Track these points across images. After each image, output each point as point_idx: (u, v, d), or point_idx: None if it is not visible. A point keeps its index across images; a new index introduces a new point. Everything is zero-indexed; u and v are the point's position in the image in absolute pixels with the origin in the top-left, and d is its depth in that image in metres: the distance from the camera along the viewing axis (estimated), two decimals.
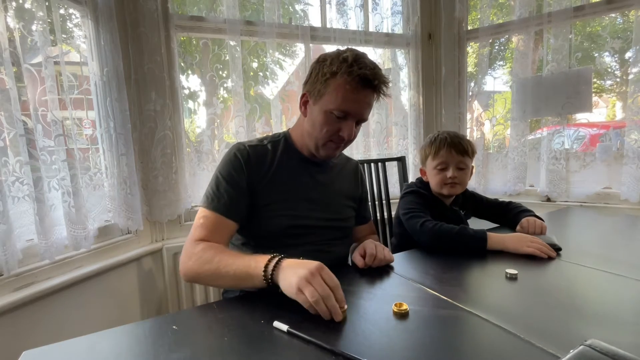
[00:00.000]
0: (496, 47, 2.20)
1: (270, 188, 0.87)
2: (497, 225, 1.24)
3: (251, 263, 0.70)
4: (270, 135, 0.98)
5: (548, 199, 1.74)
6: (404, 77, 2.00)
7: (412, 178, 1.80)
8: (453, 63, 1.92)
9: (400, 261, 0.91)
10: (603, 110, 2.26)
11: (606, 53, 1.67)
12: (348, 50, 0.83)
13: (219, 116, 1.59)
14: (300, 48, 1.77)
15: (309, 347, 0.51)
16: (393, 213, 1.46)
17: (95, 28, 1.25)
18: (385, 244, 1.47)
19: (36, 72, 1.06)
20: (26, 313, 1.02)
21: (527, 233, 1.03)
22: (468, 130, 2.00)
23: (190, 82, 1.66)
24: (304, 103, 0.88)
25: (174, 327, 0.57)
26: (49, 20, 1.08)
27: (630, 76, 1.53)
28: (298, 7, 2.05)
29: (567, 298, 0.66)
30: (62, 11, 1.25)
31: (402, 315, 0.59)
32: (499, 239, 0.94)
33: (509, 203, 1.24)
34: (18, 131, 0.97)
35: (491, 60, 1.96)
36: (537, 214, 1.14)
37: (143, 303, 1.44)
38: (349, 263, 0.96)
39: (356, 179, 1.08)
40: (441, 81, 1.95)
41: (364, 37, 1.80)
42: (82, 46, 1.26)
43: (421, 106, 1.96)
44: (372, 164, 1.48)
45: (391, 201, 1.50)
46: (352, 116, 0.84)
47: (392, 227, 1.42)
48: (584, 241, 1.07)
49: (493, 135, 1.92)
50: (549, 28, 1.66)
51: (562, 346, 0.49)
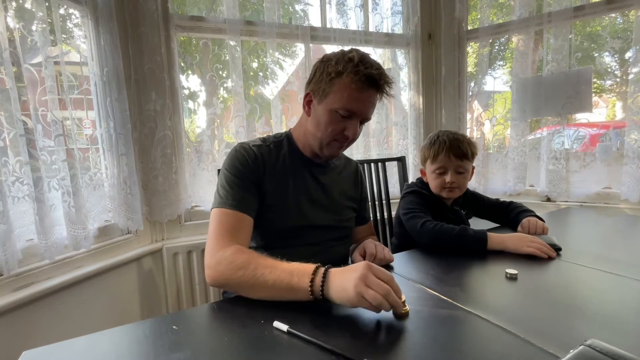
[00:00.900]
0: (496, 47, 2.19)
1: (273, 188, 0.88)
2: (498, 225, 1.24)
3: (293, 275, 0.63)
4: (271, 135, 0.97)
5: (548, 199, 1.74)
6: (404, 77, 2.00)
7: (412, 178, 1.80)
8: (453, 63, 1.92)
9: (400, 261, 0.91)
10: (603, 110, 2.26)
11: (606, 53, 1.67)
12: (353, 50, 0.83)
13: (219, 116, 1.59)
14: (300, 48, 1.77)
15: (309, 347, 0.51)
16: (393, 213, 1.45)
17: (95, 28, 1.25)
18: (385, 244, 1.47)
19: (36, 72, 1.06)
20: (26, 313, 1.02)
21: (528, 233, 1.03)
22: (468, 130, 2.00)
23: (190, 82, 1.66)
24: (308, 102, 0.88)
25: (174, 327, 0.57)
26: (49, 20, 1.08)
27: (630, 76, 1.53)
28: (298, 7, 2.05)
29: (567, 298, 0.66)
30: (62, 11, 1.25)
31: (402, 315, 0.59)
32: (499, 239, 0.94)
33: (510, 203, 1.24)
34: (18, 131, 0.97)
35: (491, 60, 1.96)
36: (538, 214, 1.14)
37: (143, 303, 1.44)
38: (349, 263, 0.96)
39: (356, 180, 1.09)
40: (441, 81, 1.95)
41: (364, 37, 1.80)
42: (82, 46, 1.26)
43: (421, 106, 1.96)
44: (372, 164, 1.48)
45: (391, 201, 1.50)
46: (357, 115, 0.84)
47: (392, 227, 1.42)
48: (584, 241, 1.07)
49: (493, 135, 1.92)
50: (549, 28, 1.66)
51: (562, 346, 0.49)
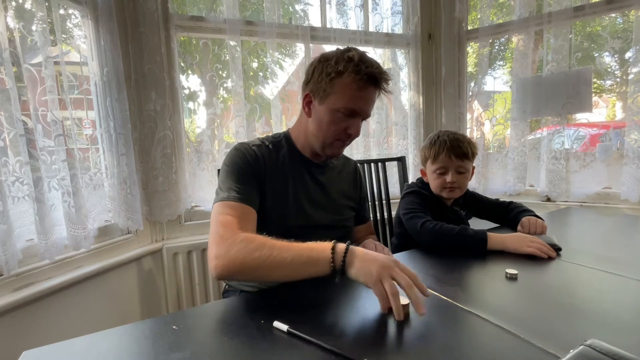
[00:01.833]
0: (496, 47, 2.19)
1: (273, 188, 0.87)
2: (498, 225, 1.24)
3: (312, 250, 0.66)
4: (270, 135, 0.97)
5: (548, 199, 1.74)
6: (404, 77, 2.00)
7: (412, 178, 1.80)
8: (453, 63, 1.92)
9: (400, 261, 0.91)
10: (603, 110, 2.26)
11: (606, 53, 1.67)
12: (351, 49, 0.83)
13: (219, 116, 1.59)
14: (300, 48, 1.77)
15: (309, 347, 0.51)
16: (393, 213, 1.45)
17: (95, 28, 1.25)
18: (385, 244, 1.47)
19: (36, 72, 1.06)
20: (26, 313, 1.02)
21: (528, 233, 1.03)
22: (468, 130, 2.00)
23: (190, 82, 1.66)
24: (308, 103, 0.88)
25: (174, 327, 0.57)
26: (49, 20, 1.08)
27: (630, 76, 1.53)
28: (298, 7, 2.05)
29: (567, 298, 0.66)
30: (62, 11, 1.25)
31: (403, 315, 0.59)
32: (499, 239, 0.93)
33: (510, 203, 1.24)
34: (18, 131, 0.97)
35: (491, 60, 1.96)
36: (537, 214, 1.14)
37: (143, 303, 1.44)
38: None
39: (356, 180, 1.09)
40: (441, 81, 1.95)
41: (364, 37, 1.80)
42: (82, 46, 1.26)
43: (421, 106, 1.96)
44: (372, 164, 1.48)
45: (391, 201, 1.50)
46: (359, 114, 0.85)
47: (392, 227, 1.42)
48: (584, 241, 1.07)
49: (493, 135, 1.92)
50: (549, 28, 1.66)
51: (562, 346, 0.49)
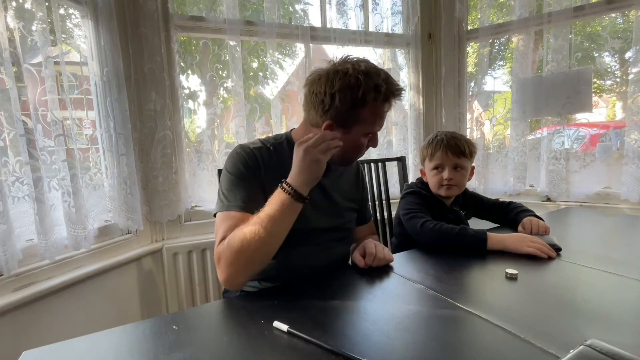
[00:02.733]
0: (496, 47, 2.19)
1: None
2: (498, 225, 1.24)
3: (273, 203, 0.74)
4: (271, 137, 0.96)
5: (548, 199, 1.74)
6: (404, 77, 2.00)
7: (412, 178, 1.80)
8: (453, 63, 1.92)
9: (400, 261, 0.91)
10: (603, 110, 2.26)
11: (606, 53, 1.67)
12: (371, 72, 0.79)
13: (219, 116, 1.59)
14: (300, 48, 1.77)
15: (309, 347, 0.51)
16: (393, 213, 1.45)
17: (95, 28, 1.25)
18: (385, 244, 1.47)
19: (36, 72, 1.06)
20: (26, 313, 1.02)
21: (530, 233, 1.03)
22: (468, 130, 2.00)
23: (190, 82, 1.66)
24: (329, 129, 0.83)
25: (174, 327, 0.57)
26: (49, 20, 1.08)
27: (630, 76, 1.53)
28: (298, 7, 2.05)
29: (567, 298, 0.66)
30: (62, 11, 1.25)
31: (403, 314, 0.59)
32: (499, 239, 0.93)
33: (510, 203, 1.24)
34: (18, 131, 0.97)
35: (491, 60, 1.96)
36: (537, 214, 1.14)
37: (143, 303, 1.44)
38: (349, 263, 0.96)
39: (357, 180, 1.08)
40: (441, 81, 1.95)
41: (364, 37, 1.80)
42: (82, 46, 1.26)
43: (421, 106, 1.96)
44: (372, 164, 1.48)
45: (391, 201, 1.50)
46: (379, 130, 0.89)
47: (393, 227, 1.42)
48: (584, 241, 1.07)
49: (493, 135, 1.92)
50: (549, 28, 1.66)
51: (562, 346, 0.49)
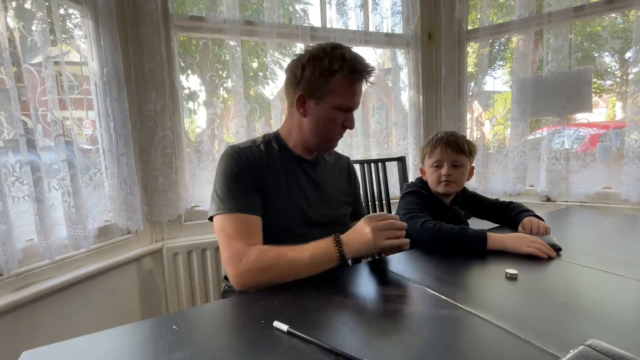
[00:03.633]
0: (496, 47, 2.19)
1: (268, 188, 0.87)
2: (497, 225, 1.23)
3: (319, 250, 0.78)
4: (260, 136, 0.97)
5: (548, 199, 1.74)
6: (404, 77, 2.00)
7: (412, 178, 1.80)
8: (453, 63, 1.92)
9: (400, 261, 0.91)
10: (603, 110, 2.26)
11: (606, 53, 1.67)
12: (338, 46, 0.85)
13: (219, 116, 1.59)
14: (300, 48, 1.77)
15: (309, 347, 0.51)
16: (393, 213, 1.45)
17: (95, 28, 1.25)
18: None
19: (36, 72, 1.06)
20: (26, 313, 1.02)
21: (530, 233, 1.03)
22: (468, 130, 2.00)
23: (190, 82, 1.66)
24: (302, 104, 0.88)
25: (174, 327, 0.57)
26: (49, 20, 1.08)
27: (630, 76, 1.53)
28: (298, 7, 2.05)
29: (567, 298, 0.66)
30: (62, 11, 1.25)
31: (403, 315, 0.59)
32: (499, 239, 0.93)
33: (509, 203, 1.24)
34: (18, 131, 0.97)
35: (491, 60, 1.96)
36: (537, 214, 1.14)
37: (143, 303, 1.44)
38: (349, 263, 0.96)
39: (349, 175, 1.10)
40: (441, 81, 1.95)
41: (364, 37, 1.80)
42: (82, 46, 1.26)
43: (421, 106, 1.96)
44: (372, 164, 1.48)
45: (391, 201, 1.50)
46: (353, 108, 0.90)
47: None
48: (584, 241, 1.07)
49: (493, 135, 1.92)
50: (549, 28, 1.66)
51: (562, 346, 0.49)
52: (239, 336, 0.55)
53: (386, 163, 1.53)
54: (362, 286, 0.75)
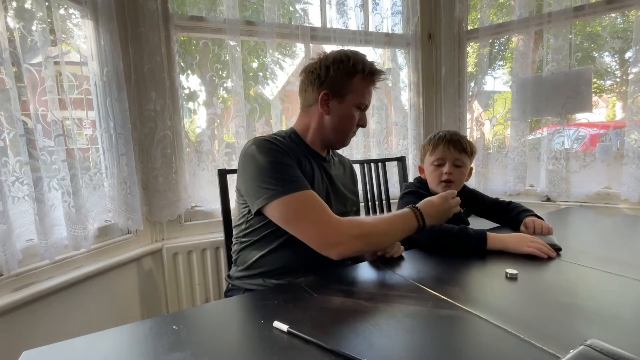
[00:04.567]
0: (496, 47, 2.20)
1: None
2: (498, 225, 1.23)
3: (406, 219, 0.86)
4: (277, 132, 1.00)
5: (548, 199, 1.74)
6: (404, 77, 2.00)
7: (412, 178, 1.80)
8: (453, 63, 1.92)
9: (400, 261, 0.91)
10: (603, 110, 2.26)
11: (606, 53, 1.67)
12: (357, 52, 0.95)
13: (219, 116, 1.59)
14: (300, 48, 1.77)
15: (309, 347, 0.51)
16: None
17: (95, 28, 1.25)
18: None
19: (36, 72, 1.06)
20: (26, 313, 1.02)
21: (532, 233, 1.03)
22: (468, 130, 2.00)
23: (190, 82, 1.66)
24: (325, 102, 0.93)
25: (174, 327, 0.57)
26: (49, 20, 1.08)
27: (630, 76, 1.53)
28: (298, 7, 2.05)
29: (567, 298, 0.66)
30: (62, 11, 1.25)
31: (403, 315, 0.59)
32: (499, 239, 0.93)
33: (509, 203, 1.24)
34: (18, 131, 0.97)
35: (491, 60, 1.96)
36: (537, 214, 1.14)
37: (143, 303, 1.44)
38: (348, 262, 0.96)
39: (352, 176, 1.16)
40: (441, 81, 1.95)
41: (364, 37, 1.80)
42: (82, 46, 1.26)
43: (421, 106, 1.96)
44: (372, 164, 1.48)
45: (391, 201, 1.50)
46: (367, 107, 0.99)
47: None
48: (584, 241, 1.07)
49: (493, 135, 1.92)
50: (549, 28, 1.66)
51: (562, 346, 0.49)
52: (239, 336, 0.55)
53: (386, 163, 1.53)
54: (362, 286, 0.75)
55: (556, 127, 1.69)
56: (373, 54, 1.95)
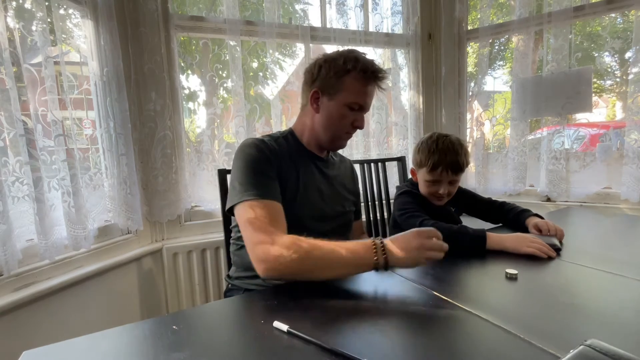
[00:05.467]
0: (496, 47, 2.19)
1: (287, 179, 0.89)
2: (498, 225, 1.23)
3: (357, 256, 0.72)
4: (274, 133, 1.00)
5: (548, 199, 1.74)
6: (404, 77, 1.99)
7: None
8: (453, 63, 1.92)
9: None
10: (603, 110, 2.26)
11: (606, 53, 1.67)
12: (353, 50, 0.92)
13: (219, 116, 1.59)
14: (300, 48, 1.77)
15: (309, 347, 0.51)
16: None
17: (95, 28, 1.25)
18: None
19: (36, 72, 1.06)
20: (26, 313, 1.02)
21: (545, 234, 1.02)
22: (468, 130, 2.00)
23: (190, 82, 1.66)
24: (315, 100, 0.93)
25: (174, 327, 0.57)
26: (49, 20, 1.08)
27: (630, 76, 1.53)
28: (298, 7, 2.05)
29: (567, 298, 0.66)
30: (62, 11, 1.25)
31: (403, 315, 0.59)
32: (498, 239, 0.93)
33: (503, 203, 1.23)
34: (18, 131, 0.97)
35: (491, 60, 1.96)
36: (537, 213, 1.14)
37: (143, 303, 1.44)
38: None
39: (353, 176, 1.15)
40: (441, 81, 1.95)
41: (364, 37, 1.80)
42: (82, 46, 1.26)
43: (421, 106, 1.96)
44: (372, 164, 1.48)
45: (391, 201, 1.50)
46: (364, 108, 0.94)
47: (389, 229, 1.42)
48: (584, 241, 1.07)
49: (493, 135, 1.92)
50: (549, 28, 1.66)
51: (562, 346, 0.49)
52: (239, 336, 0.55)
53: (386, 163, 1.53)
54: (362, 286, 0.75)
55: (556, 127, 1.69)
56: (373, 54, 1.95)
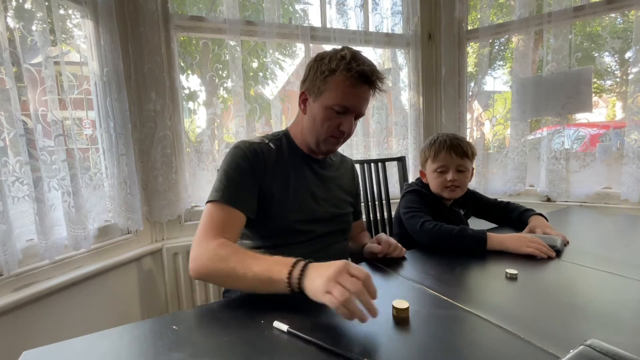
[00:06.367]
0: (496, 47, 2.19)
1: (275, 183, 0.88)
2: (498, 225, 1.24)
3: (273, 267, 0.64)
4: (269, 134, 0.99)
5: (548, 199, 1.74)
6: (404, 77, 1.99)
7: (412, 178, 1.80)
8: (453, 63, 1.92)
9: (400, 261, 0.91)
10: (603, 110, 2.26)
11: (606, 53, 1.67)
12: (345, 48, 0.86)
13: (219, 116, 1.59)
14: (300, 48, 1.77)
15: (309, 347, 0.51)
16: (393, 213, 1.45)
17: (95, 28, 1.25)
18: None
19: (36, 72, 1.06)
20: (26, 313, 1.02)
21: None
22: (468, 130, 2.00)
23: (190, 82, 1.66)
24: (303, 101, 0.91)
25: (174, 327, 0.57)
26: (49, 20, 1.08)
27: (630, 76, 1.53)
28: (298, 7, 2.05)
29: (567, 298, 0.66)
30: (62, 11, 1.25)
31: (403, 315, 0.59)
32: (499, 239, 0.94)
33: (508, 203, 1.24)
34: (18, 131, 0.97)
35: (491, 60, 1.96)
36: (540, 212, 1.14)
37: (143, 303, 1.44)
38: (349, 259, 0.96)
39: (353, 176, 1.13)
40: (441, 81, 1.95)
41: (364, 37, 1.80)
42: (82, 46, 1.26)
43: (421, 106, 1.96)
44: (372, 164, 1.48)
45: (391, 201, 1.50)
46: (351, 111, 0.87)
47: (392, 227, 1.42)
48: (584, 241, 1.07)
49: (493, 135, 1.92)
50: (549, 28, 1.66)
51: (562, 346, 0.49)
52: (239, 336, 0.55)
53: (386, 163, 1.53)
54: None
55: (556, 127, 1.69)
56: (373, 54, 1.95)
